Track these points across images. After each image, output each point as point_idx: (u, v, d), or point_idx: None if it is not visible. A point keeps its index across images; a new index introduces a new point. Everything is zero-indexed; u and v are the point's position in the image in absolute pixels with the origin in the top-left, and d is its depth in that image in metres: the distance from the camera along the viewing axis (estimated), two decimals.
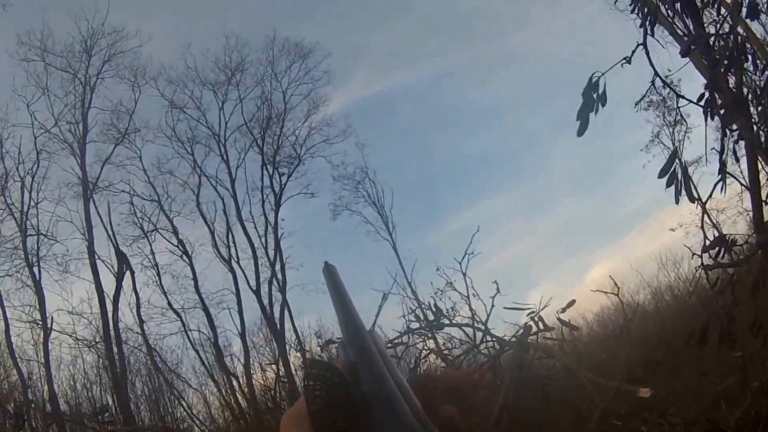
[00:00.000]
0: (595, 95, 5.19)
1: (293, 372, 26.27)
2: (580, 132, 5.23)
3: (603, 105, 5.21)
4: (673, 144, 28.02)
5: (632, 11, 5.87)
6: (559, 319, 10.49)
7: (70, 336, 26.70)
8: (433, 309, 15.01)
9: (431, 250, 39.84)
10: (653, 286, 27.57)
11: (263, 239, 28.48)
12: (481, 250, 17.49)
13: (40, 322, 25.82)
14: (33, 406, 23.70)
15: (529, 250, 42.01)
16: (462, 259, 17.29)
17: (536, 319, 10.39)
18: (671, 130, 28.71)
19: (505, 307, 13.16)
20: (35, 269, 26.52)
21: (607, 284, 29.72)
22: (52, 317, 26.02)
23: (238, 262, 28.02)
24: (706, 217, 27.75)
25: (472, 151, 42.75)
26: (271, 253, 28.27)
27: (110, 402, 25.74)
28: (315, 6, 41.31)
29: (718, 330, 6.18)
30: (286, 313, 27.56)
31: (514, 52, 42.27)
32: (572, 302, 11.20)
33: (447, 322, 14.79)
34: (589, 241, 45.99)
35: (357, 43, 43.20)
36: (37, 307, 26.11)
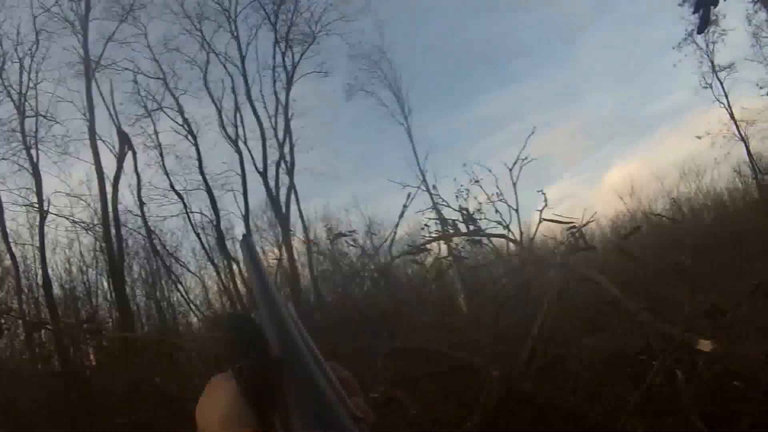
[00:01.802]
0: None
1: (295, 258, 24.15)
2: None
3: None
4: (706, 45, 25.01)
5: None
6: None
7: (67, 218, 25.44)
8: (464, 215, 12.77)
9: (451, 138, 37.11)
10: (672, 197, 25.60)
11: (273, 119, 26.26)
12: (533, 154, 14.74)
13: (37, 206, 24.53)
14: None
15: (550, 143, 38.86)
16: (513, 165, 14.58)
17: (578, 235, 9.85)
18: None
19: (544, 219, 11.65)
20: (33, 152, 25.17)
21: (625, 189, 27.55)
22: (49, 200, 24.73)
23: (245, 143, 26.00)
24: (734, 129, 25.04)
25: (501, 34, 38.79)
26: (281, 134, 26.05)
27: (105, 285, 24.32)
28: None
29: None
30: (293, 196, 25.33)
31: None
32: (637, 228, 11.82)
33: (480, 230, 12.94)
34: (612, 138, 43.07)
35: None
36: (34, 190, 24.81)
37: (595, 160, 39.94)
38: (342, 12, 27.44)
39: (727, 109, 26.01)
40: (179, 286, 24.23)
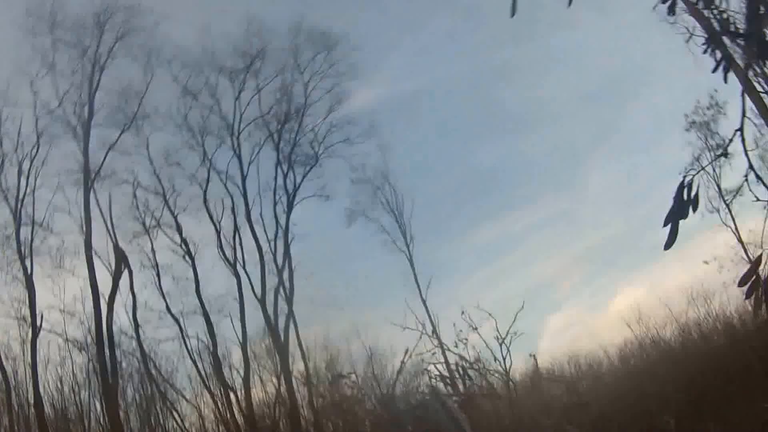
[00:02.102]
0: (686, 197, 4.37)
1: (295, 388, 24.73)
2: (668, 245, 4.31)
3: (695, 210, 4.35)
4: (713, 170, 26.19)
5: (704, 51, 5.34)
6: None
7: (60, 336, 25.24)
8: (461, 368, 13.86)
9: (453, 263, 37.73)
10: (681, 322, 25.64)
11: (272, 244, 26.90)
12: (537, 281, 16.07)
13: (29, 320, 24.29)
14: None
15: (552, 270, 39.76)
16: (502, 340, 15.80)
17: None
18: (712, 154, 26.80)
19: (542, 378, 12.41)
20: (27, 262, 24.96)
21: (632, 315, 28.65)
22: (42, 315, 24.49)
23: (243, 267, 26.55)
24: (742, 253, 26.16)
25: (506, 157, 40.14)
26: (280, 259, 26.67)
27: (98, 408, 24.37)
28: None
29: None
30: (292, 324, 25.89)
31: (554, 55, 39.60)
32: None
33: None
34: (617, 264, 42.86)
35: (389, 36, 40.43)
36: (27, 303, 24.56)
37: (600, 285, 40.92)
38: (346, 134, 28.32)
39: (734, 233, 26.25)
40: (174, 414, 24.35)
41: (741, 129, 4.46)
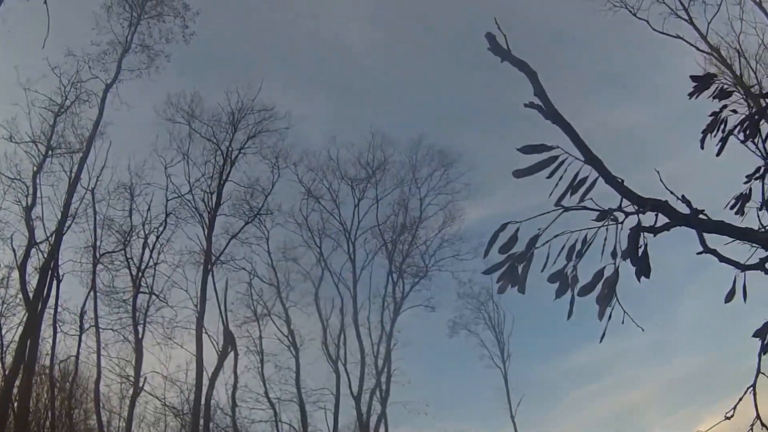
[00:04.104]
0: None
1: None
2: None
3: None
4: None
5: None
6: None
7: (160, 400, 25.70)
8: None
9: (544, 384, 38.34)
10: None
11: (375, 347, 27.76)
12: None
13: (132, 379, 24.83)
14: None
15: (641, 396, 39.96)
16: None
17: None
18: None
19: None
20: (140, 327, 25.85)
21: None
22: (145, 377, 25.16)
23: (344, 364, 27.39)
24: None
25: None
26: (381, 361, 27.41)
27: None
28: (465, 115, 40.61)
29: None
30: (382, 426, 26.22)
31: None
32: None
33: None
34: (705, 394, 43.55)
35: (504, 156, 43.13)
36: (133, 364, 25.22)
37: (685, 414, 41.33)
38: (456, 249, 29.85)
39: None
40: None
41: None
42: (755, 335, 4.47)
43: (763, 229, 4.56)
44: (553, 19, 40.23)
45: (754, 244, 4.38)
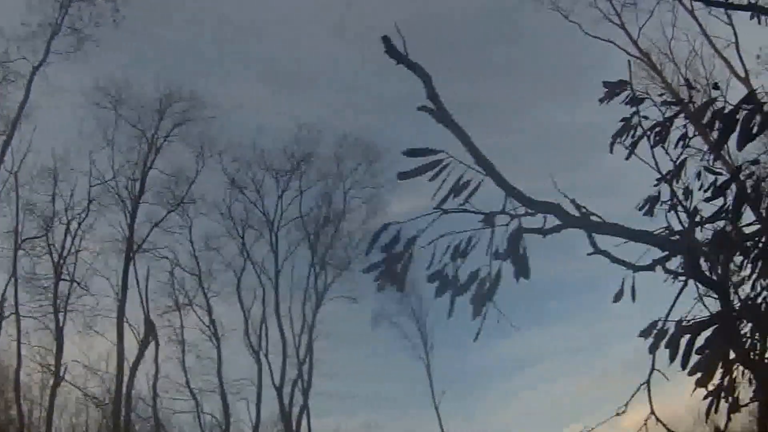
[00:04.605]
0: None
1: None
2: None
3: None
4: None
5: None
6: None
7: (81, 390, 25.65)
8: None
9: (469, 376, 39.33)
10: None
11: (297, 338, 28.26)
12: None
13: (53, 369, 24.65)
14: None
15: (573, 387, 41.32)
16: None
17: None
18: None
19: None
20: (60, 315, 25.59)
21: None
22: (65, 366, 25.02)
23: (266, 355, 27.72)
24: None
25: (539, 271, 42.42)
26: (302, 352, 27.94)
27: None
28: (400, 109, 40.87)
29: None
30: (305, 417, 26.88)
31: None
32: None
33: None
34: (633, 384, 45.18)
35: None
36: (54, 353, 25.00)
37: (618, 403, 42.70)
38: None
39: None
40: None
41: None
42: (641, 335, 4.88)
43: (662, 231, 4.99)
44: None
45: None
